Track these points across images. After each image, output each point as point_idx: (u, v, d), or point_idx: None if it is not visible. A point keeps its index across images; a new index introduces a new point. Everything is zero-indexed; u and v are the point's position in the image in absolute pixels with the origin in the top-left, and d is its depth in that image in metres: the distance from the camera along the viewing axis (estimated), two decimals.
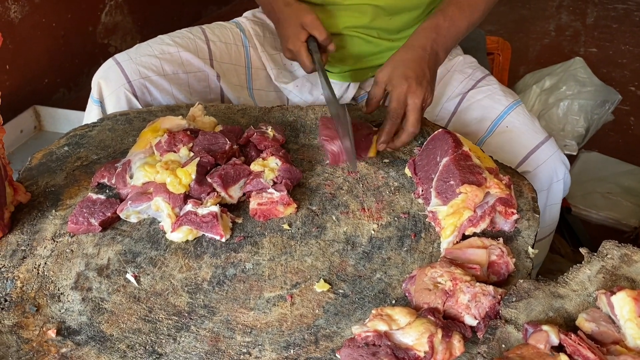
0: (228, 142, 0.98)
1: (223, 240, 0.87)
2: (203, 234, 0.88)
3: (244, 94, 1.32)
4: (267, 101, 1.34)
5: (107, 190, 0.97)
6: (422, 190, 0.93)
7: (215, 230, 0.87)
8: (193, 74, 1.24)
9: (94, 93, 1.20)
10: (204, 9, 3.18)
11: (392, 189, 0.96)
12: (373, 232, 0.89)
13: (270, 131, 1.03)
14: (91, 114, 1.20)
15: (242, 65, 1.32)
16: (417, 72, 1.01)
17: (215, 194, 0.91)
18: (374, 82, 1.04)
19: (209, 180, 0.92)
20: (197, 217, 0.87)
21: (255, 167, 0.95)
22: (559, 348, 0.65)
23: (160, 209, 0.90)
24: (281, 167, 0.95)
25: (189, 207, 0.88)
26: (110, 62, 1.20)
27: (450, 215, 0.83)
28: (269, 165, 0.95)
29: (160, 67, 1.20)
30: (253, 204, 0.91)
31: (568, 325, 0.70)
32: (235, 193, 0.93)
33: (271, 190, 0.92)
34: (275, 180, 0.93)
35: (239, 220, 0.91)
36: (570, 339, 0.64)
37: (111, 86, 1.17)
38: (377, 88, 1.04)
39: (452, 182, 0.86)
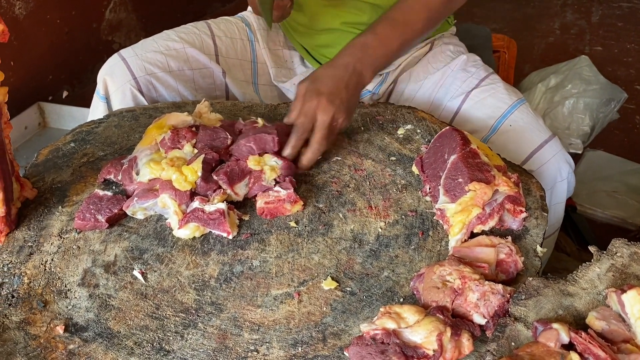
0: (229, 136, 0.98)
1: (230, 237, 0.87)
2: (210, 231, 0.88)
3: (250, 90, 1.32)
4: (272, 97, 1.34)
5: (114, 187, 0.97)
6: (429, 188, 0.93)
7: (222, 227, 0.86)
8: (198, 70, 1.24)
9: (99, 89, 1.19)
10: (208, 6, 3.18)
11: (400, 186, 0.96)
12: (380, 230, 0.88)
13: (260, 121, 1.02)
14: (97, 110, 1.20)
15: (248, 60, 1.31)
16: (331, 89, 0.98)
17: (222, 191, 0.91)
18: (295, 94, 1.02)
19: (215, 177, 0.91)
20: (204, 214, 0.87)
21: (251, 164, 0.94)
22: (569, 346, 0.65)
23: (167, 206, 0.89)
24: (282, 165, 0.94)
25: (196, 204, 0.88)
26: (115, 57, 1.20)
27: (459, 212, 0.83)
28: (268, 163, 0.94)
29: (165, 64, 1.20)
30: (260, 203, 0.91)
31: (578, 323, 0.70)
32: (241, 190, 0.93)
33: (277, 188, 0.91)
34: (277, 179, 0.93)
35: (246, 218, 0.91)
36: (581, 337, 0.63)
37: (117, 82, 1.17)
38: (295, 101, 1.01)
39: (460, 180, 0.85)
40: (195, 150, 0.96)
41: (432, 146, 0.96)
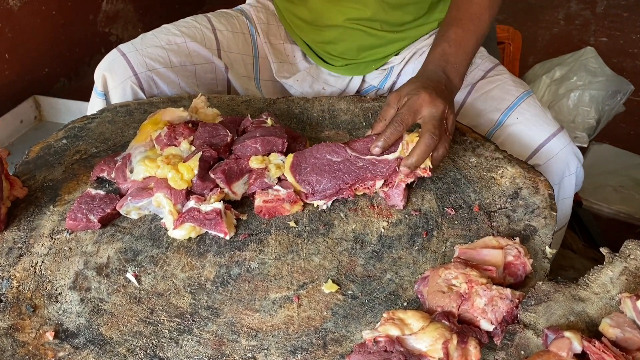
0: (229, 134, 0.94)
1: (227, 238, 0.84)
2: (206, 231, 0.85)
3: (252, 85, 1.28)
4: (273, 92, 1.31)
5: (107, 185, 0.94)
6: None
7: (219, 227, 0.83)
8: (200, 65, 1.20)
9: (97, 85, 1.15)
10: None
11: None
12: (383, 230, 0.85)
13: (269, 121, 0.99)
14: (95, 108, 1.16)
15: (250, 54, 1.28)
16: (435, 85, 0.93)
17: (219, 189, 0.88)
18: (386, 103, 0.94)
19: (212, 175, 0.88)
20: (200, 214, 0.84)
21: (253, 163, 0.91)
22: (582, 355, 0.62)
23: (162, 205, 0.86)
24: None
25: (191, 203, 0.85)
26: (114, 53, 1.15)
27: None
28: (273, 162, 0.91)
29: (167, 59, 1.16)
30: (258, 201, 0.88)
31: (590, 330, 0.66)
32: (239, 189, 0.89)
33: (277, 187, 0.88)
34: (281, 177, 0.89)
35: (244, 217, 0.88)
36: (595, 346, 0.60)
37: (117, 79, 1.13)
38: (387, 109, 0.93)
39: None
40: (193, 148, 0.92)
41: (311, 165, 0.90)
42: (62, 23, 2.27)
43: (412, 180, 0.88)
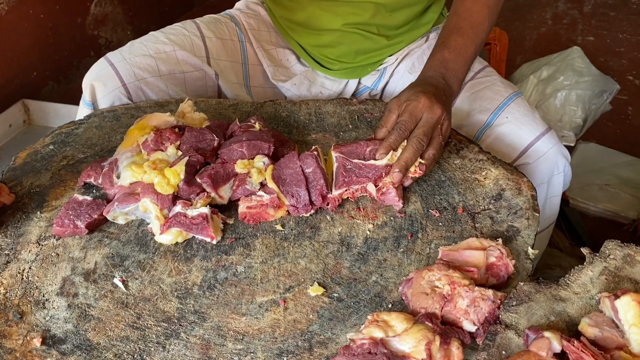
0: (216, 138, 0.95)
1: (214, 242, 0.85)
2: (193, 236, 0.86)
3: (242, 92, 1.29)
4: (264, 98, 1.31)
5: (94, 191, 0.94)
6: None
7: (205, 232, 0.84)
8: (190, 73, 1.20)
9: (85, 95, 1.15)
10: None
11: None
12: (368, 232, 0.86)
13: (257, 125, 0.99)
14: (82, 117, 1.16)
15: (239, 61, 1.28)
16: (435, 91, 0.95)
17: (205, 194, 0.88)
18: (387, 109, 0.96)
19: (199, 180, 0.89)
20: (186, 218, 0.84)
21: (239, 167, 0.91)
22: (562, 354, 0.63)
23: (149, 211, 0.87)
24: (268, 165, 0.91)
25: (178, 208, 0.86)
26: (102, 62, 1.14)
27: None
28: (255, 165, 0.91)
29: (155, 68, 1.16)
30: (242, 207, 0.88)
31: (570, 329, 0.68)
32: (225, 193, 0.90)
33: (261, 192, 0.89)
34: (264, 182, 0.90)
35: (230, 222, 0.88)
36: (573, 345, 0.62)
37: (105, 89, 1.12)
38: (389, 115, 0.94)
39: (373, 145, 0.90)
40: (180, 152, 0.93)
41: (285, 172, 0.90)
42: (51, 26, 2.27)
43: (408, 182, 0.90)
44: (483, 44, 1.10)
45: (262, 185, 0.90)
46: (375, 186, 0.89)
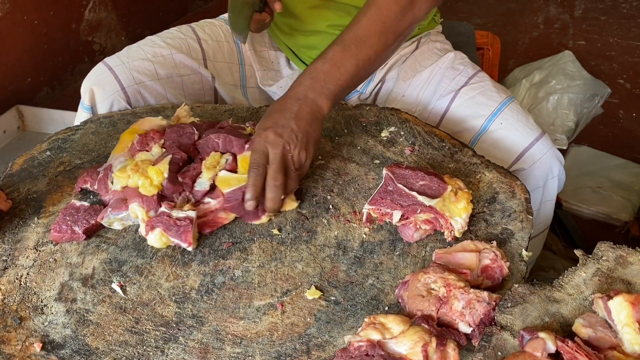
0: (196, 131, 0.95)
1: (190, 249, 0.84)
2: None
3: (238, 93, 1.30)
4: (260, 100, 1.32)
5: (91, 196, 0.95)
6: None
7: (184, 236, 0.83)
8: (187, 76, 1.21)
9: (84, 100, 1.15)
10: (190, 3, 3.14)
11: None
12: (365, 235, 0.87)
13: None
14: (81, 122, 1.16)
15: (236, 62, 1.29)
16: (277, 121, 0.91)
17: (187, 193, 0.89)
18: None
19: (180, 179, 0.89)
20: (170, 219, 0.84)
21: (209, 161, 0.91)
22: (556, 355, 0.64)
23: (137, 215, 0.87)
24: (229, 163, 0.92)
25: (162, 208, 0.86)
26: (101, 67, 1.15)
27: (451, 203, 0.84)
28: (209, 162, 0.90)
29: (154, 71, 1.16)
30: (195, 220, 0.86)
31: (564, 330, 0.69)
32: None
33: (207, 199, 0.88)
34: (213, 182, 0.89)
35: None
36: (568, 346, 0.63)
37: (104, 93, 1.13)
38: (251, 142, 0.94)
39: (428, 181, 0.87)
40: (164, 151, 0.93)
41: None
42: (45, 32, 2.27)
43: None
44: (373, 61, 1.00)
45: (212, 189, 0.89)
46: (405, 218, 0.85)
